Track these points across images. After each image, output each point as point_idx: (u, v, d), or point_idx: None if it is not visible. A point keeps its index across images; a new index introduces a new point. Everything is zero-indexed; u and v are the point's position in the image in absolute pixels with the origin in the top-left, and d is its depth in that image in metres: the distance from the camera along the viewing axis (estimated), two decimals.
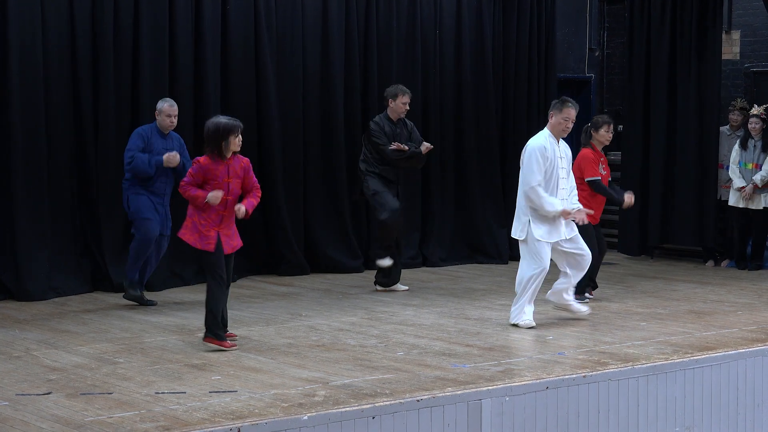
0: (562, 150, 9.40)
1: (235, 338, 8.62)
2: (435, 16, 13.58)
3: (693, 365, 8.04)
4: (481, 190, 13.84)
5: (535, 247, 9.18)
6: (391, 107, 11.20)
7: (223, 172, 8.34)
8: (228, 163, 8.37)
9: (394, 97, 11.19)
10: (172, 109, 10.25)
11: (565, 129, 9.34)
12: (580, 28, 15.92)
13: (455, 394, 6.94)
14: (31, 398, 6.81)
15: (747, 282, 12.16)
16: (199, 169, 8.34)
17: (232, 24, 12.05)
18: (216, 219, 8.36)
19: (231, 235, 8.47)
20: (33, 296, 10.52)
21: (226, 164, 8.36)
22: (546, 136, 9.32)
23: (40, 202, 10.77)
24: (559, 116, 9.30)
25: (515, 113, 14.14)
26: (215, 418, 6.30)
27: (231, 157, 8.40)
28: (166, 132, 10.28)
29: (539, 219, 9.22)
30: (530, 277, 9.18)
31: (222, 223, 8.39)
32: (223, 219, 8.40)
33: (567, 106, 9.32)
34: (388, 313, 10.03)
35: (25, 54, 10.66)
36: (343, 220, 12.86)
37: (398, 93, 11.19)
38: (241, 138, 8.41)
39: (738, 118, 13.52)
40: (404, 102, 11.18)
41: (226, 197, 8.33)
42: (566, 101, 9.38)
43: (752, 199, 12.97)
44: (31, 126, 10.71)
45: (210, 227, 8.33)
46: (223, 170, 8.34)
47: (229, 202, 8.37)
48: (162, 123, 10.24)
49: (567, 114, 9.29)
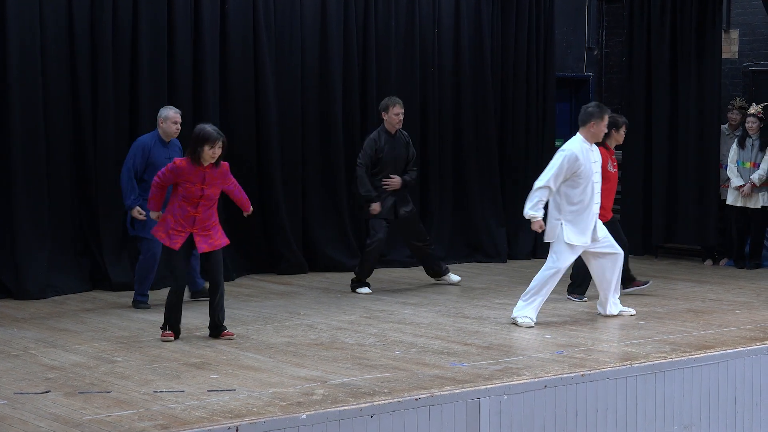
0: (596, 154, 9.56)
1: (233, 337, 8.65)
2: (434, 15, 13.58)
3: (691, 364, 8.05)
4: (479, 189, 13.83)
5: (565, 248, 9.29)
6: (386, 120, 11.20)
7: (197, 178, 8.49)
8: (205, 170, 8.51)
9: (386, 110, 11.19)
10: (177, 115, 10.16)
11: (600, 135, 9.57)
12: (578, 27, 15.92)
13: (454, 393, 6.94)
14: (29, 397, 6.81)
15: (745, 281, 12.16)
16: (173, 169, 8.53)
17: (231, 23, 12.05)
18: (188, 221, 8.56)
19: (209, 234, 8.62)
20: (32, 295, 10.52)
21: (203, 171, 8.51)
22: (580, 142, 9.43)
23: (39, 201, 10.77)
24: (602, 124, 9.48)
25: (514, 112, 14.14)
26: (213, 417, 6.30)
27: (209, 166, 8.52)
28: (168, 140, 10.16)
29: (571, 221, 9.31)
30: (544, 276, 9.30)
31: (195, 225, 8.56)
32: (196, 221, 8.56)
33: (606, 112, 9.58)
34: (386, 311, 10.04)
35: (25, 54, 10.66)
36: (342, 219, 12.86)
37: (389, 105, 11.18)
38: (218, 151, 8.47)
39: (737, 118, 13.53)
40: (396, 113, 11.15)
41: (197, 200, 8.51)
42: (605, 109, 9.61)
43: (750, 198, 12.98)
44: (31, 125, 10.71)
45: (182, 228, 8.54)
46: (199, 176, 8.50)
47: (201, 205, 8.54)
48: (168, 130, 10.11)
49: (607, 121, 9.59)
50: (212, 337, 8.70)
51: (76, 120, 11.12)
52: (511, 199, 14.01)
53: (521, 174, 13.98)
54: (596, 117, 9.45)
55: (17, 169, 10.64)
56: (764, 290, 11.42)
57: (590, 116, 9.45)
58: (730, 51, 14.77)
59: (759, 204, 12.97)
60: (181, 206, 8.53)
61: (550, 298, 10.30)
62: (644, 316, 9.79)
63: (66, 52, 11.00)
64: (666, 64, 13.93)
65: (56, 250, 10.89)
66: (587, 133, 9.44)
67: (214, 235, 8.64)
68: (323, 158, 12.81)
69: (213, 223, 8.65)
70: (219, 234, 8.69)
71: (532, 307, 9.31)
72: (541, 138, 14.21)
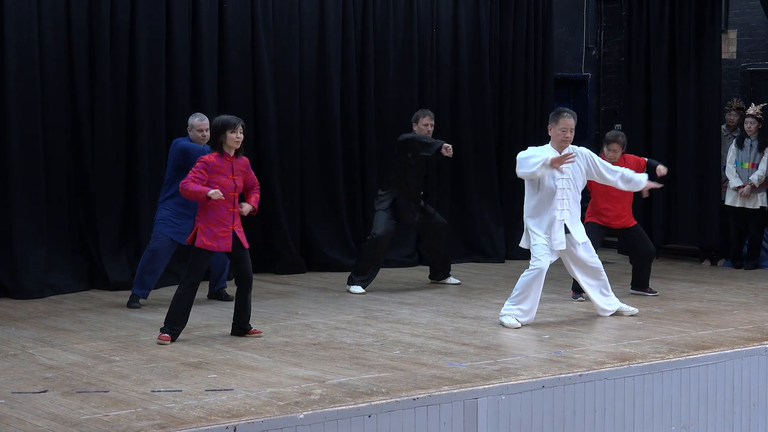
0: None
1: (260, 335, 8.73)
2: (432, 14, 13.58)
3: (689, 364, 8.05)
4: (477, 188, 13.84)
5: (534, 250, 9.27)
6: (416, 130, 11.40)
7: (227, 169, 8.55)
8: (232, 160, 8.58)
9: (416, 121, 11.43)
10: (203, 123, 10.17)
11: (564, 139, 9.33)
12: (576, 27, 15.93)
13: (451, 393, 6.94)
14: (27, 396, 6.80)
15: (743, 281, 12.16)
16: (203, 166, 8.51)
17: (229, 22, 12.05)
18: (228, 218, 8.55)
19: (242, 231, 8.70)
20: (29, 294, 10.52)
21: (230, 161, 8.57)
22: (547, 150, 9.33)
23: (36, 200, 10.77)
24: (557, 128, 9.34)
25: (512, 112, 14.14)
26: (211, 417, 6.30)
27: (234, 157, 8.60)
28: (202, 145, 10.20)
29: (536, 225, 9.31)
30: (526, 277, 9.26)
31: (235, 221, 8.60)
32: (235, 216, 8.61)
33: (563, 116, 9.34)
34: (384, 311, 10.04)
35: (22, 52, 10.66)
36: (340, 219, 12.86)
37: (419, 116, 11.43)
38: (240, 135, 8.57)
39: (735, 119, 13.52)
40: (425, 123, 11.36)
41: (233, 194, 8.54)
42: (561, 112, 9.41)
43: (749, 199, 12.99)
44: (28, 124, 10.71)
45: (225, 228, 8.53)
46: (228, 167, 8.56)
47: (235, 199, 8.60)
48: (194, 138, 10.18)
49: (564, 124, 9.31)
50: (235, 335, 8.70)
51: (74, 119, 11.12)
52: (509, 199, 14.02)
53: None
54: (550, 121, 9.39)
55: (14, 167, 10.64)
56: (762, 291, 11.43)
57: (549, 121, 9.43)
58: (728, 51, 14.76)
59: (757, 205, 12.98)
60: (218, 207, 8.50)
61: (548, 298, 10.34)
62: (642, 317, 9.79)
63: (63, 52, 11.00)
64: (665, 64, 13.92)
65: (54, 249, 10.89)
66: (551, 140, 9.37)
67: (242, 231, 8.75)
68: (321, 158, 12.80)
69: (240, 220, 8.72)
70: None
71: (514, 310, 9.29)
72: (539, 138, 14.18)
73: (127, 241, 11.41)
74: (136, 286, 10.16)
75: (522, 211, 9.58)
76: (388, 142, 13.07)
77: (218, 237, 8.51)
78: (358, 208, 13.05)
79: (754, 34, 14.73)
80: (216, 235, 8.50)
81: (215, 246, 8.51)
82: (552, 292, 11.06)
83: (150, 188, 11.38)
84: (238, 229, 8.63)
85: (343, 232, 12.86)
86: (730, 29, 14.85)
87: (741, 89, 14.76)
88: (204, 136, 10.15)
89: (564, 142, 9.34)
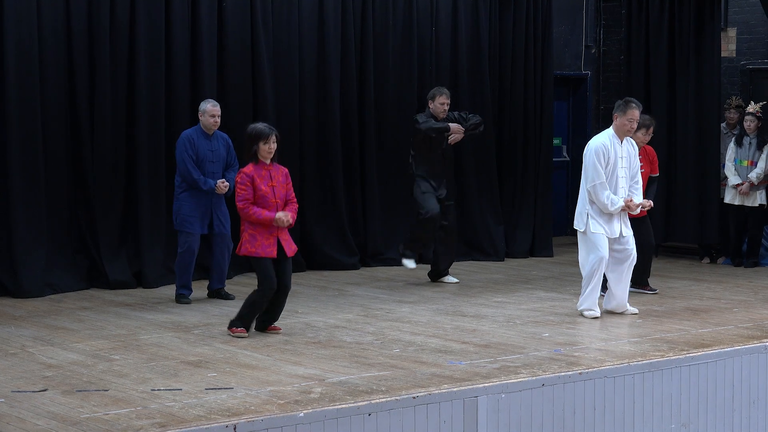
0: (625, 149, 9.66)
1: (279, 331, 8.83)
2: (431, 13, 13.57)
3: (689, 362, 8.05)
4: (477, 187, 13.82)
5: (593, 238, 9.49)
6: (432, 108, 11.47)
7: (265, 177, 8.64)
8: (269, 168, 8.67)
9: (432, 99, 11.50)
10: (215, 109, 10.37)
11: (629, 129, 9.65)
12: (576, 25, 15.93)
13: (451, 391, 6.94)
14: (26, 395, 6.81)
15: (743, 279, 12.16)
16: (245, 178, 8.61)
17: (229, 22, 12.04)
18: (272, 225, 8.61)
19: (289, 239, 8.78)
20: (29, 293, 10.52)
21: (268, 169, 8.67)
22: (609, 136, 9.60)
23: (36, 199, 10.77)
24: (624, 118, 9.58)
25: (511, 110, 14.13)
26: (211, 415, 6.30)
27: (271, 164, 8.69)
28: (210, 132, 10.36)
29: (597, 213, 9.53)
30: (591, 268, 9.49)
31: (280, 228, 8.63)
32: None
33: (631, 107, 9.59)
34: (384, 310, 10.04)
35: (22, 52, 10.65)
36: (340, 218, 12.85)
37: (435, 94, 11.50)
38: (274, 145, 8.68)
39: (734, 116, 13.52)
40: (441, 102, 11.43)
41: (274, 200, 8.63)
42: (630, 102, 9.65)
43: (748, 196, 12.99)
44: (28, 123, 10.70)
45: (269, 234, 8.60)
46: (266, 175, 8.65)
47: (278, 206, 8.65)
48: (206, 123, 10.34)
49: (631, 115, 9.57)
50: (259, 330, 8.82)
51: (73, 118, 11.12)
52: (508, 198, 14.01)
53: (519, 172, 13.99)
54: (617, 110, 9.64)
55: (14, 166, 10.64)
56: (762, 289, 11.43)
57: (614, 110, 9.67)
58: (727, 49, 14.76)
59: (756, 202, 12.99)
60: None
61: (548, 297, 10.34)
62: (642, 315, 9.79)
63: (63, 52, 11.00)
64: (664, 62, 13.92)
65: (54, 248, 10.90)
66: (615, 127, 9.64)
67: (290, 238, 8.81)
68: (321, 157, 12.79)
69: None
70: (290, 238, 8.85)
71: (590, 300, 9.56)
72: (538, 136, 14.20)
73: (127, 241, 11.41)
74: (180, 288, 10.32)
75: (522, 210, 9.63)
76: (388, 142, 13.09)
77: (263, 244, 8.59)
78: (358, 208, 13.04)
79: (753, 32, 14.72)
80: (261, 243, 8.58)
81: (261, 253, 8.58)
82: (552, 291, 11.07)
83: (150, 188, 11.38)
84: (283, 237, 8.69)
85: (343, 231, 12.86)
86: (729, 27, 14.85)
87: (740, 87, 14.75)
88: (216, 122, 10.35)
89: (628, 132, 9.63)
